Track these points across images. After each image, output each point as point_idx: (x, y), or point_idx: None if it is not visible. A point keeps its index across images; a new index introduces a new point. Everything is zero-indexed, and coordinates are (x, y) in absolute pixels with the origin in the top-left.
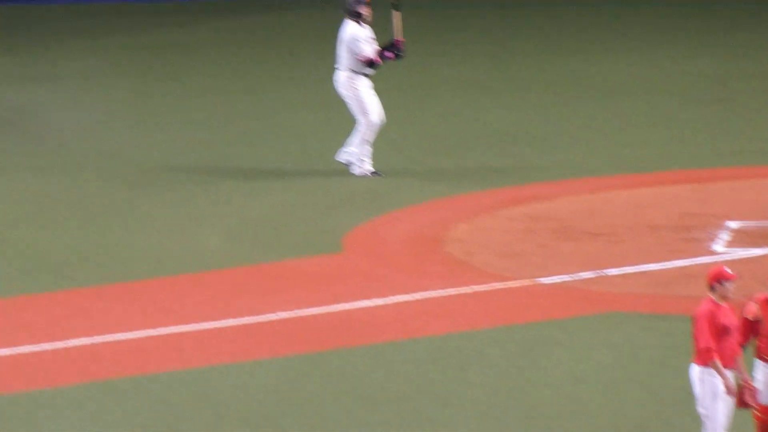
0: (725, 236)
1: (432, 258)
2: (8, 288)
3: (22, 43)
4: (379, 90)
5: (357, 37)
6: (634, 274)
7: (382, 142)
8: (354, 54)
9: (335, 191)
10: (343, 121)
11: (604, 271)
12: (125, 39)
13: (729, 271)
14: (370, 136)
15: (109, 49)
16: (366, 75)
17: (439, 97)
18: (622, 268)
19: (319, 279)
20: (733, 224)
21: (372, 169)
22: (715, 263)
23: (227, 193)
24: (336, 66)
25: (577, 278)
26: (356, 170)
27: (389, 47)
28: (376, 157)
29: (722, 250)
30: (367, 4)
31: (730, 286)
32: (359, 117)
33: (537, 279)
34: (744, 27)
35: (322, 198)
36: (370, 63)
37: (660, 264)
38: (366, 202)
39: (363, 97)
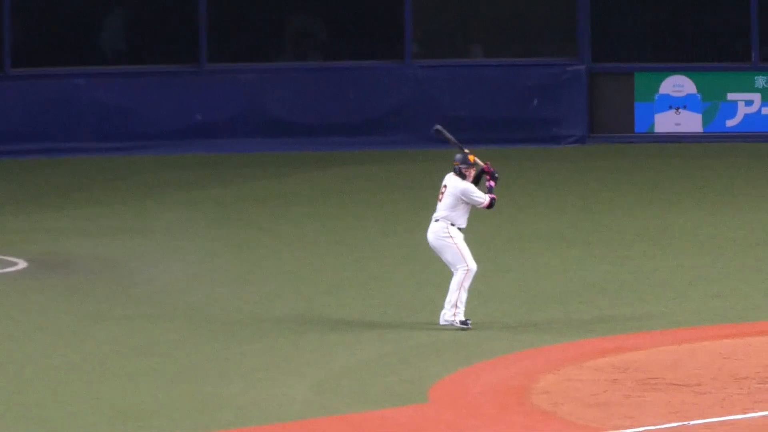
0: None
1: (517, 409)
2: None
3: (112, 194)
4: (469, 243)
5: (468, 188)
6: (719, 423)
7: (470, 295)
8: (471, 203)
9: (422, 342)
10: (429, 273)
11: (689, 422)
12: (216, 190)
13: None
14: (468, 283)
15: (200, 200)
16: (461, 229)
17: (530, 251)
18: (707, 419)
19: (404, 430)
20: None
21: (462, 318)
22: None
23: (314, 344)
24: (435, 218)
25: (662, 428)
26: (447, 317)
27: (482, 177)
28: (465, 310)
29: None
30: (472, 167)
31: None
32: (457, 265)
33: (622, 430)
34: None
35: (409, 349)
36: (491, 204)
37: (745, 415)
38: (452, 353)
39: (460, 246)
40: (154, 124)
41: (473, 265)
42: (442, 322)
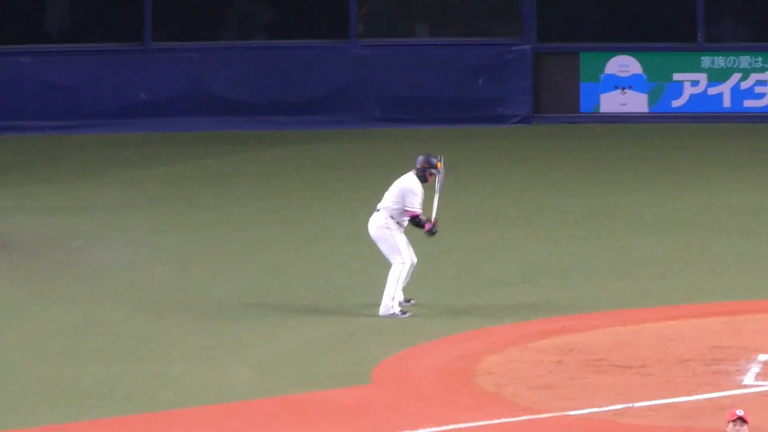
0: (756, 369)
1: (461, 390)
2: (33, 419)
3: (55, 172)
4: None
5: (415, 190)
6: (663, 406)
7: (413, 276)
8: (404, 204)
9: (365, 324)
10: (373, 254)
11: (634, 403)
12: (159, 169)
13: (739, 413)
14: (403, 277)
15: (143, 179)
16: (401, 225)
17: (473, 231)
18: (651, 401)
19: (348, 411)
20: (765, 357)
21: (400, 309)
22: (744, 396)
23: (257, 325)
24: (378, 207)
25: (606, 411)
26: (386, 311)
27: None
28: (407, 290)
29: (752, 383)
30: (433, 172)
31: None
32: (393, 258)
33: (566, 411)
34: None
35: (352, 330)
36: (415, 219)
37: (689, 397)
38: (395, 335)
39: (397, 238)
40: (97, 102)
41: (408, 259)
42: (381, 313)
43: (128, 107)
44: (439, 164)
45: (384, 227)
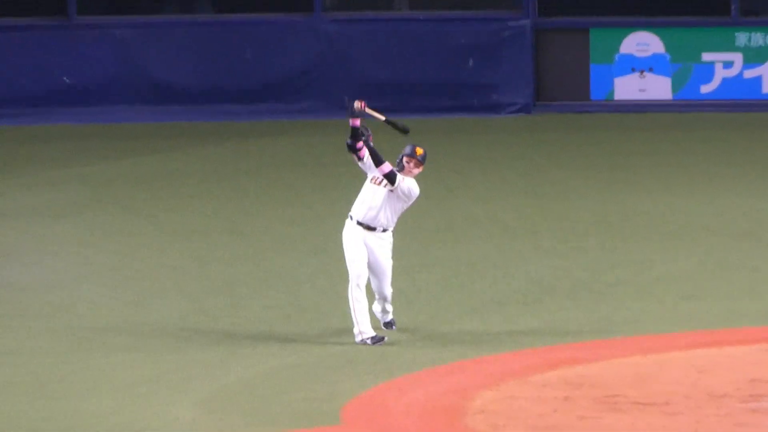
0: None
1: None
2: None
3: None
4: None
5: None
6: None
7: (393, 295)
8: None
9: (333, 352)
10: (343, 269)
11: None
12: (86, 168)
13: None
14: (357, 294)
15: (67, 180)
16: (361, 224)
17: (464, 242)
18: None
19: None
20: None
21: (374, 334)
22: None
23: (203, 353)
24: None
25: None
26: (356, 338)
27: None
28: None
29: None
30: (414, 159)
31: None
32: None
33: None
34: None
35: (318, 360)
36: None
37: None
38: (369, 365)
39: (345, 246)
40: (12, 88)
41: (356, 271)
42: (356, 341)
43: (49, 94)
44: (419, 150)
45: (343, 232)
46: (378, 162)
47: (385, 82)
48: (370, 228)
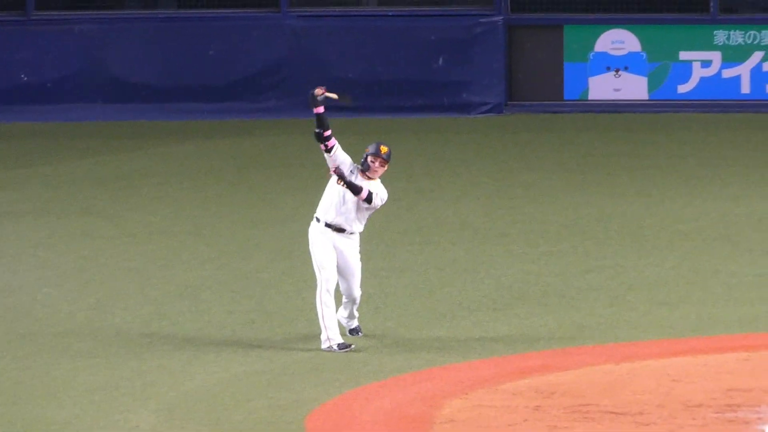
0: None
1: None
2: None
3: None
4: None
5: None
6: None
7: (361, 299)
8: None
9: (298, 359)
10: (308, 272)
11: None
12: (45, 168)
13: None
14: (326, 299)
15: (25, 180)
16: (330, 226)
17: (432, 246)
18: None
19: None
20: None
21: (339, 342)
22: None
23: (164, 359)
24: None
25: None
26: (323, 345)
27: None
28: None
29: None
30: (379, 157)
31: None
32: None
33: None
34: None
35: (282, 366)
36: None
37: None
38: (335, 373)
39: (314, 249)
40: None
41: (325, 276)
42: (323, 347)
43: (7, 91)
44: (383, 149)
45: (310, 235)
46: (356, 192)
47: (353, 80)
48: (341, 230)
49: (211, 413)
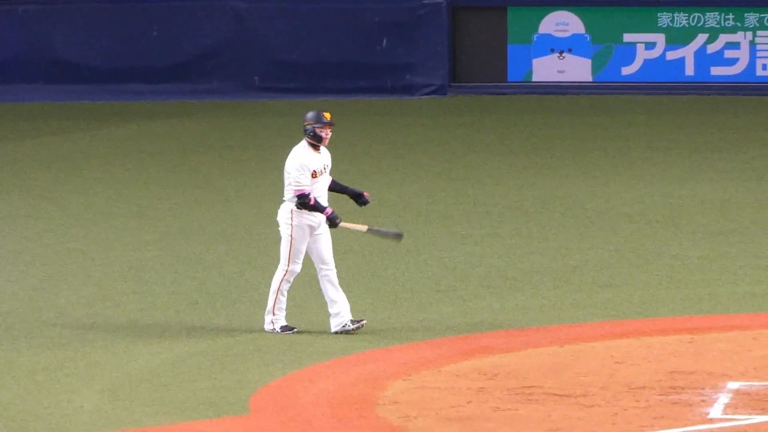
0: (724, 399)
1: (359, 422)
2: None
3: None
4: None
5: (300, 162)
6: None
7: (300, 282)
8: (291, 182)
9: (241, 340)
10: (252, 253)
11: None
12: None
13: None
14: (286, 287)
15: None
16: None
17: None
18: None
19: None
20: (734, 385)
21: (283, 324)
22: None
23: (106, 340)
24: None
25: None
26: (266, 326)
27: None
28: (355, 310)
29: (720, 416)
30: (328, 125)
31: None
32: (280, 262)
33: None
34: (753, 144)
35: (225, 348)
36: (302, 200)
37: None
38: (278, 354)
39: (294, 239)
40: None
41: (294, 267)
42: (266, 328)
43: None
44: (327, 115)
45: (286, 223)
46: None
47: (295, 61)
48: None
49: (155, 393)
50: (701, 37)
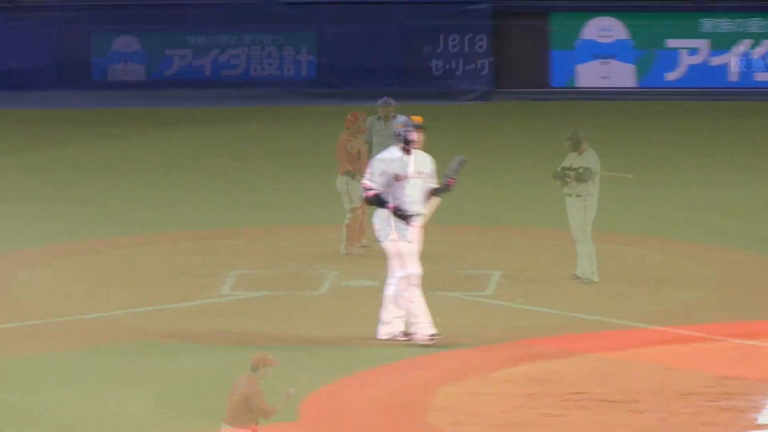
0: None
1: (410, 429)
2: None
3: None
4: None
5: (374, 162)
6: None
7: (346, 289)
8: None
9: (290, 347)
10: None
11: None
12: None
13: None
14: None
15: None
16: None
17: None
18: None
19: None
20: None
21: (433, 331)
22: None
23: (156, 348)
24: None
25: None
26: (380, 332)
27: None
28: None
29: None
30: (418, 129)
31: None
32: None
33: None
34: None
35: (274, 355)
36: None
37: None
38: (328, 360)
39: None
40: None
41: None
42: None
43: None
44: (416, 118)
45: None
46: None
47: (338, 67)
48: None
49: (203, 400)
50: (744, 43)
